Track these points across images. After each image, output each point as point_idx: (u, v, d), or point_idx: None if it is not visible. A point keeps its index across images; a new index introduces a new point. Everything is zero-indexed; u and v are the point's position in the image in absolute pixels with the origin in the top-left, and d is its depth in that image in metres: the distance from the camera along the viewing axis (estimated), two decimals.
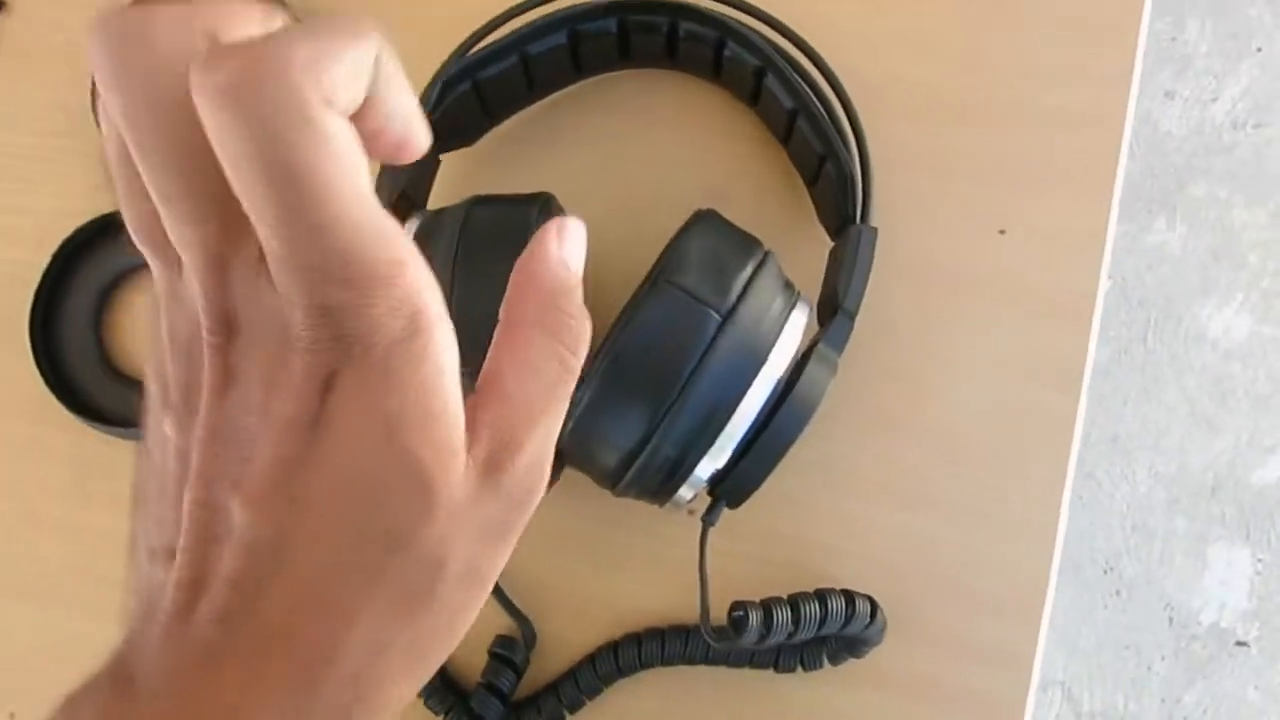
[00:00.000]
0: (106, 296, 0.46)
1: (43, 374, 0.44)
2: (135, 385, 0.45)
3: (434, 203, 0.41)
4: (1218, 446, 1.15)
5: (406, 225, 0.36)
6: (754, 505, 0.37)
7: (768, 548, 0.42)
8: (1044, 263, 0.44)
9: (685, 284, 0.32)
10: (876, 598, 0.40)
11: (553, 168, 0.45)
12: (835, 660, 0.40)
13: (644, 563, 0.43)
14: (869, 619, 0.38)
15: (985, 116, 0.45)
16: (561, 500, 0.42)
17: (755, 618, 0.34)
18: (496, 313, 0.32)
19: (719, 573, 0.41)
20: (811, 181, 0.42)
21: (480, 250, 0.33)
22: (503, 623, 0.43)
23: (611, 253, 0.44)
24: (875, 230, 0.39)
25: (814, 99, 0.39)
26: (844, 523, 0.43)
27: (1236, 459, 1.15)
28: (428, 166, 0.41)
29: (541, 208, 0.35)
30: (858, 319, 0.37)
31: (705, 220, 0.34)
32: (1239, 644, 1.12)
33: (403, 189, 0.38)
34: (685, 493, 0.35)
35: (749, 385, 0.33)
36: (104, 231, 0.45)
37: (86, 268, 0.45)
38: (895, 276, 0.43)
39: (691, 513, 0.43)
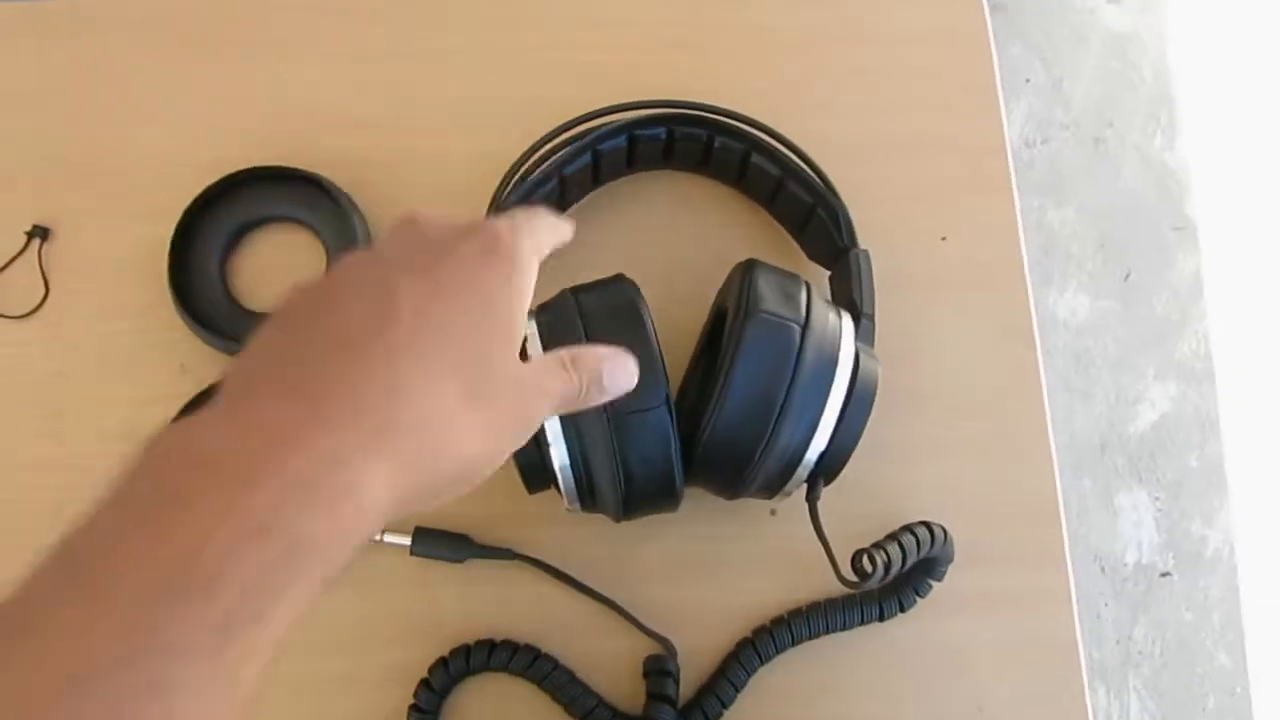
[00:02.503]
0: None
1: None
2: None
3: None
4: (1095, 410, 1.33)
5: (527, 329, 0.43)
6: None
7: (842, 522, 0.51)
8: (979, 249, 0.56)
9: (771, 309, 0.41)
10: None
11: (582, 266, 0.54)
12: (921, 591, 0.49)
13: (745, 567, 0.51)
14: (944, 538, 0.47)
15: (904, 155, 0.57)
16: (668, 532, 0.50)
17: (879, 558, 0.43)
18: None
19: (807, 550, 0.49)
20: (800, 229, 0.52)
21: (604, 321, 0.42)
22: (643, 648, 0.49)
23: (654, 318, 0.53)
24: (868, 251, 0.49)
25: (796, 164, 0.50)
26: (889, 487, 0.52)
27: (1112, 416, 1.32)
28: None
29: (631, 282, 0.44)
30: None
31: (758, 264, 0.44)
32: (1163, 574, 1.27)
33: None
34: (795, 480, 0.44)
35: (833, 379, 0.42)
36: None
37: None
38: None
39: (773, 512, 0.51)
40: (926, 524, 0.47)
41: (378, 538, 0.49)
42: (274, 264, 0.54)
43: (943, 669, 0.50)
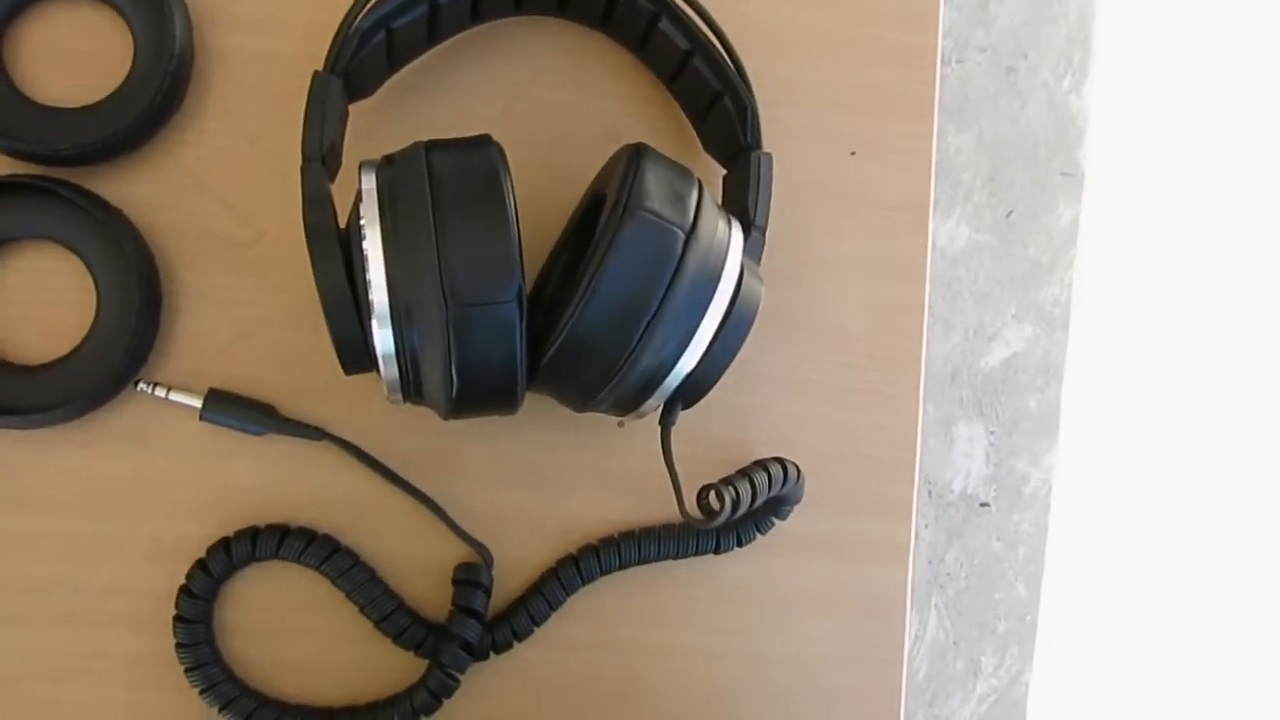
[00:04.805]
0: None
1: None
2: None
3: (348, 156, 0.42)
4: (952, 340, 1.34)
5: (363, 174, 0.36)
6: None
7: (693, 446, 0.47)
8: (887, 172, 0.51)
9: (655, 209, 0.36)
10: None
11: (450, 114, 0.47)
12: (762, 528, 0.46)
13: (583, 480, 0.46)
14: (797, 477, 0.44)
15: (828, 54, 0.51)
16: (504, 431, 0.45)
17: (728, 495, 0.39)
18: (485, 248, 0.35)
19: (651, 469, 0.45)
20: (702, 116, 0.46)
21: (457, 192, 0.35)
22: (458, 554, 0.45)
23: (525, 191, 0.46)
24: (771, 155, 0.44)
25: (709, 41, 0.44)
26: (747, 414, 0.48)
27: (968, 349, 1.34)
28: (342, 120, 0.41)
29: (497, 148, 0.37)
30: None
31: (648, 152, 0.38)
32: (982, 505, 1.32)
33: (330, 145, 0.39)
34: (652, 403, 0.39)
35: (712, 298, 0.37)
36: None
37: None
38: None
39: (621, 425, 0.47)
40: (780, 461, 0.44)
41: (163, 394, 0.42)
42: (67, 46, 0.43)
43: (768, 608, 0.48)
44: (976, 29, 1.43)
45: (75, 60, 0.43)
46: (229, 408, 0.43)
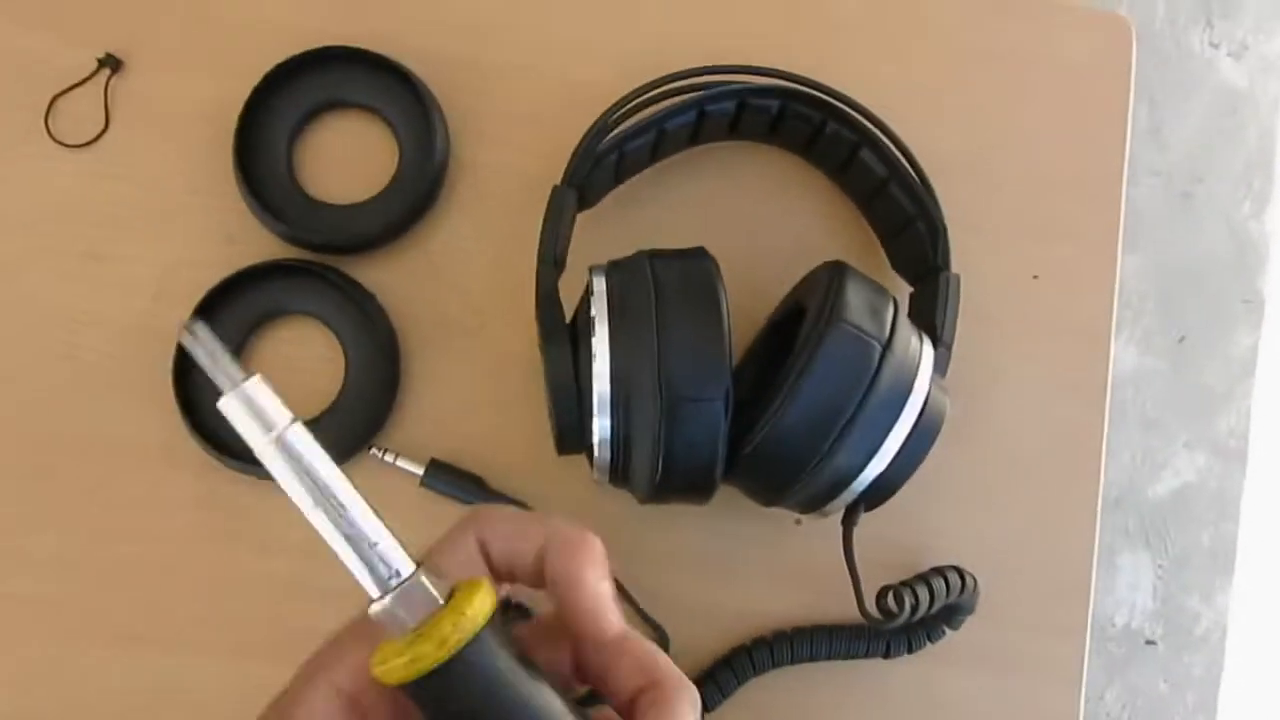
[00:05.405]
0: (248, 340, 0.49)
1: (183, 411, 0.46)
2: None
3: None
4: (1117, 465, 1.29)
5: (594, 277, 0.41)
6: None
7: (865, 548, 0.48)
8: (1069, 298, 0.53)
9: (855, 322, 0.39)
10: None
11: (660, 225, 0.51)
12: (933, 636, 0.47)
13: (759, 573, 0.49)
14: (973, 587, 0.45)
15: (1013, 181, 0.53)
16: (689, 520, 0.48)
17: (907, 598, 0.41)
18: (700, 349, 0.38)
19: (825, 567, 0.47)
20: (893, 237, 0.49)
21: (677, 298, 0.39)
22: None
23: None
24: (959, 276, 0.46)
25: (905, 168, 0.47)
26: (919, 520, 0.49)
27: (1134, 475, 1.29)
28: (570, 228, 0.46)
29: (713, 260, 0.41)
30: None
31: (849, 269, 0.41)
32: (1148, 642, 1.26)
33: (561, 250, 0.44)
34: (838, 503, 0.42)
35: (903, 408, 0.39)
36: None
37: (227, 311, 0.48)
38: None
39: (798, 523, 0.49)
40: (959, 570, 0.45)
41: (391, 460, 0.47)
42: (345, 153, 0.50)
43: (933, 717, 0.48)
44: (1150, 153, 1.41)
45: (349, 164, 0.50)
46: (446, 477, 0.47)
